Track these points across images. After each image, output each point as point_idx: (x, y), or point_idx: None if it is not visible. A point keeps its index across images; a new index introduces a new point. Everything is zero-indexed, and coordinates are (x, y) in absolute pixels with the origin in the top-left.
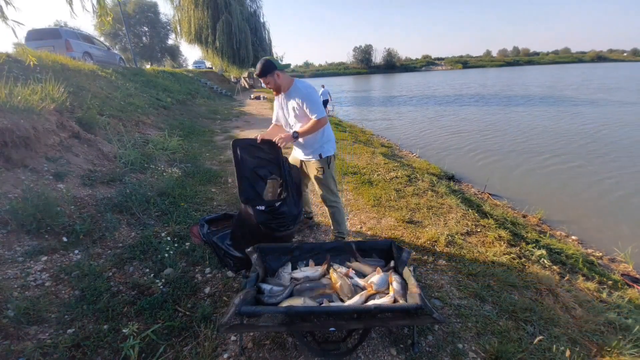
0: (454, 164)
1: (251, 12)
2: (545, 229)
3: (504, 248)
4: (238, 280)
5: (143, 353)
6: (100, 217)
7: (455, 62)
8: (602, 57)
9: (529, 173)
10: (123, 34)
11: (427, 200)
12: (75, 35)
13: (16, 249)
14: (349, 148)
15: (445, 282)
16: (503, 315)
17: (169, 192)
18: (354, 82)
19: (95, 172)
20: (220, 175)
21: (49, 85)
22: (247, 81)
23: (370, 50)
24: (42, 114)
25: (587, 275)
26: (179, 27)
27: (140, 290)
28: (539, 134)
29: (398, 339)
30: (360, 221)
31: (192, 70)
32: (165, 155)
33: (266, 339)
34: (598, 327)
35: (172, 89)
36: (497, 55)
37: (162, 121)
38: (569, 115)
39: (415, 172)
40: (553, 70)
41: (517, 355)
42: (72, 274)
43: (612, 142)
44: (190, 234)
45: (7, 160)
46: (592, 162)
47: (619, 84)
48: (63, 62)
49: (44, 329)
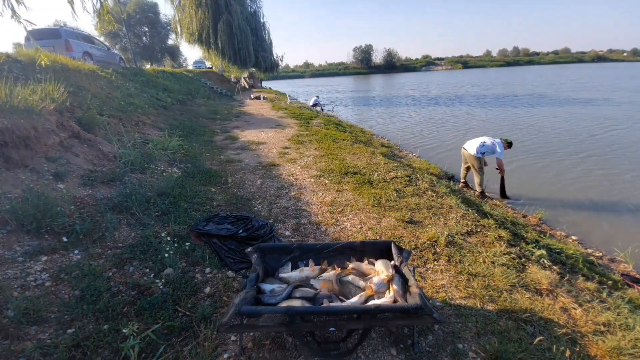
0: (454, 164)
1: (251, 12)
2: (545, 229)
3: (504, 248)
4: (238, 280)
5: (143, 353)
6: (100, 217)
7: (455, 62)
8: (602, 57)
9: (529, 173)
10: (123, 34)
11: (427, 200)
12: (75, 35)
13: (16, 249)
14: (349, 148)
15: (445, 282)
16: (503, 315)
17: (169, 192)
18: (354, 82)
19: (95, 172)
20: (220, 175)
21: (49, 85)
22: (247, 81)
23: (370, 50)
24: (42, 114)
25: (587, 275)
26: (179, 28)
27: (140, 290)
28: (539, 134)
29: (398, 339)
30: (360, 221)
31: (192, 70)
32: (165, 155)
33: (266, 339)
34: (598, 327)
35: (172, 89)
36: (497, 55)
37: (162, 121)
38: (568, 115)
39: (415, 172)
40: (553, 70)
41: (517, 355)
42: (72, 274)
43: (612, 143)
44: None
45: (7, 160)
46: (592, 162)
47: (620, 84)
48: (63, 62)
49: (44, 329)
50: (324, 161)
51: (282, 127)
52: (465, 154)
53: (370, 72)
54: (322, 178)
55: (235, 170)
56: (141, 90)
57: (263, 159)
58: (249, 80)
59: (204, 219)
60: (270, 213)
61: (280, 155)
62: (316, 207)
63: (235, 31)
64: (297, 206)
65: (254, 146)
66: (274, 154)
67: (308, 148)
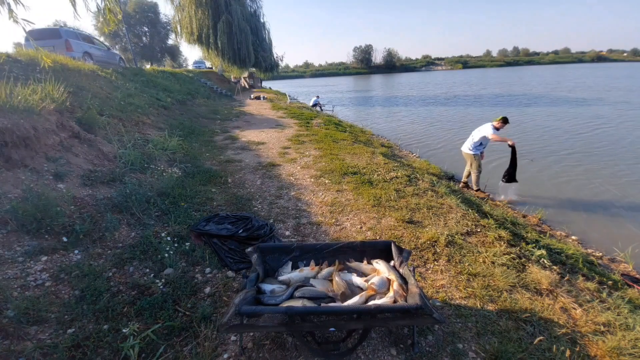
0: (454, 164)
1: (251, 12)
2: (545, 229)
3: (504, 248)
4: (238, 280)
5: (143, 353)
6: (100, 217)
7: (455, 62)
8: (602, 57)
9: (529, 173)
10: (123, 34)
11: (427, 200)
12: (75, 35)
13: (16, 249)
14: (349, 148)
15: (445, 282)
16: (503, 315)
17: (169, 192)
18: (354, 82)
19: (95, 172)
20: (220, 175)
21: (49, 85)
22: (247, 81)
23: (370, 51)
24: (42, 114)
25: (587, 275)
26: (179, 28)
27: (140, 290)
28: (539, 134)
29: (398, 339)
30: (360, 221)
31: (192, 70)
32: (165, 155)
33: (266, 339)
34: (598, 327)
35: (172, 89)
36: (497, 55)
37: (162, 121)
38: (569, 115)
39: (415, 172)
40: (552, 70)
41: (517, 355)
42: (72, 274)
43: (613, 143)
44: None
45: (7, 160)
46: (592, 162)
47: (621, 84)
48: (63, 62)
49: (44, 329)
50: (324, 161)
51: (282, 127)
52: (463, 154)
53: (370, 72)
54: (322, 178)
55: (235, 170)
56: (141, 90)
57: (263, 159)
58: (249, 80)
59: (204, 219)
60: (270, 213)
61: (280, 155)
62: (316, 207)
63: (235, 31)
64: (297, 206)
65: (254, 146)
66: (274, 154)
67: (308, 148)
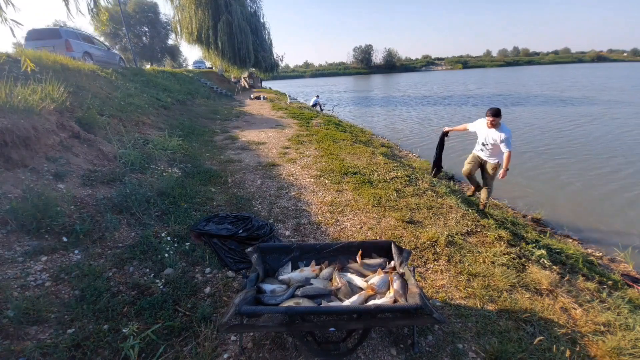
0: (454, 164)
1: (251, 12)
2: (545, 229)
3: (504, 248)
4: (238, 280)
5: (143, 353)
6: (100, 217)
7: (455, 62)
8: (602, 57)
9: (528, 173)
10: (123, 34)
11: (427, 200)
12: (75, 35)
13: (16, 249)
14: (349, 148)
15: (445, 282)
16: (503, 315)
17: (169, 192)
18: (354, 82)
19: (95, 172)
20: (220, 175)
21: (49, 85)
22: (247, 81)
23: (370, 50)
24: (42, 114)
25: (587, 275)
26: (179, 28)
27: (140, 290)
28: (539, 134)
29: (398, 339)
30: (360, 221)
31: (192, 71)
32: (165, 155)
33: (266, 339)
34: (598, 327)
35: (172, 89)
36: (497, 55)
37: (162, 121)
38: (569, 115)
39: (415, 172)
40: (551, 70)
41: (517, 355)
42: (72, 274)
43: (613, 142)
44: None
45: (7, 160)
46: (592, 163)
47: (621, 84)
48: (63, 62)
49: (44, 329)
50: (324, 161)
51: (282, 127)
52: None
53: (370, 72)
54: (322, 178)
55: (235, 170)
56: (141, 90)
57: (263, 159)
58: (249, 80)
59: (204, 219)
60: (270, 213)
61: (280, 155)
62: (316, 207)
63: (235, 31)
64: (297, 206)
65: (254, 146)
66: (274, 154)
67: (308, 148)
